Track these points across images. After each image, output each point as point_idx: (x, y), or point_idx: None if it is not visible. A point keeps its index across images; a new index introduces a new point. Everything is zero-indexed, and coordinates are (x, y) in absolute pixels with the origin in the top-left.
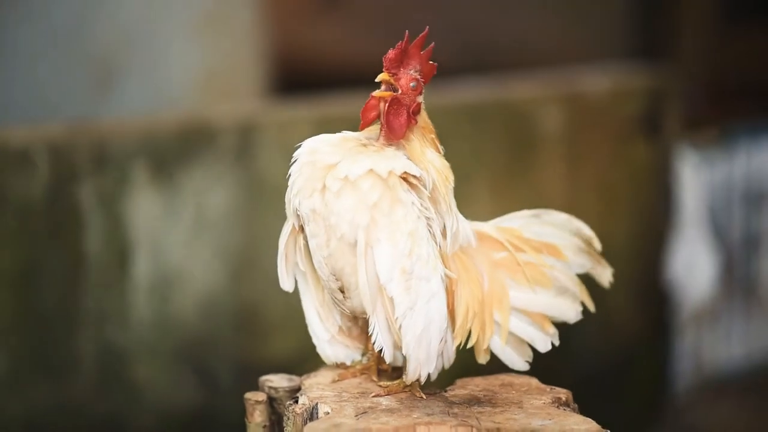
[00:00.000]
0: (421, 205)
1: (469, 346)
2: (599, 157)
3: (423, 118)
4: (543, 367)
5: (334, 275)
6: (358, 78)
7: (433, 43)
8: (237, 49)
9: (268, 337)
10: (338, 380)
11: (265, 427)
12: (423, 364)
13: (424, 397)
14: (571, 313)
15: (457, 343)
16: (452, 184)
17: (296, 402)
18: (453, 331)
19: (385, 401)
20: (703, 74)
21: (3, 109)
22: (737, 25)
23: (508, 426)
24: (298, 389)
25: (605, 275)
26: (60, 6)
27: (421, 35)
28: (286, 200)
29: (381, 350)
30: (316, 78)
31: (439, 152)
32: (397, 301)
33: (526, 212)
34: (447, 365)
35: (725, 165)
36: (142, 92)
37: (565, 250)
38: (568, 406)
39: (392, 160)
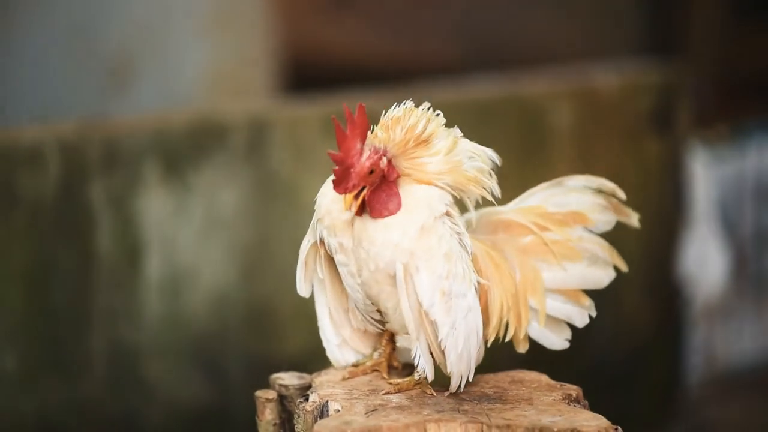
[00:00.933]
0: (452, 222)
1: (507, 339)
2: (610, 154)
3: (398, 144)
4: (554, 362)
5: (370, 300)
6: (368, 75)
7: (344, 109)
8: (248, 47)
9: (279, 335)
10: (348, 378)
11: (275, 425)
12: (464, 375)
13: (435, 394)
14: (605, 279)
15: (492, 339)
16: (462, 157)
17: (307, 400)
18: (488, 330)
19: (396, 398)
20: (714, 70)
21: (14, 107)
22: (748, 21)
23: (518, 423)
24: (308, 387)
25: (633, 220)
26: (71, 5)
27: (335, 129)
28: (311, 224)
29: (423, 371)
30: (327, 76)
31: (430, 148)
32: (439, 323)
33: (545, 184)
34: (476, 364)
35: (736, 161)
36: (153, 90)
37: (590, 213)
38: (579, 402)
39: (417, 214)
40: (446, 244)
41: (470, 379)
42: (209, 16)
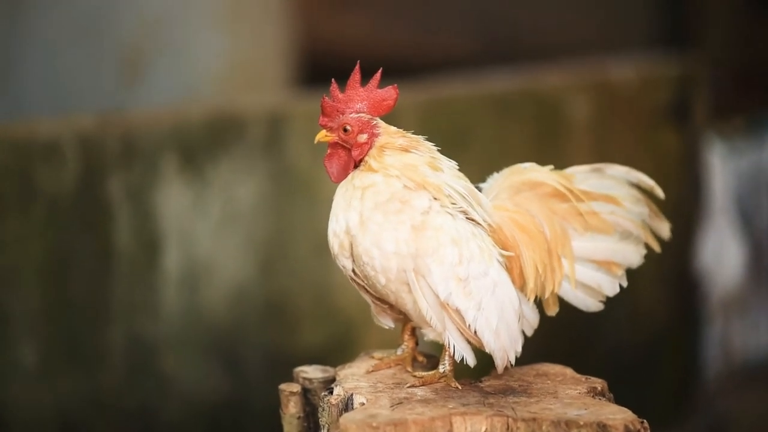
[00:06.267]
0: (450, 203)
1: (546, 297)
2: (627, 146)
3: (381, 140)
4: (571, 355)
5: (387, 304)
6: (385, 68)
7: (379, 71)
8: (264, 39)
9: (297, 328)
10: (373, 371)
11: (299, 418)
12: (509, 349)
13: (460, 387)
14: (636, 257)
15: (532, 299)
16: (423, 166)
17: (331, 393)
18: (526, 293)
19: (421, 392)
20: (732, 62)
21: (31, 101)
22: (765, 12)
23: (543, 416)
24: (332, 380)
25: (663, 228)
26: None
27: (354, 72)
28: None
29: (462, 358)
30: (343, 68)
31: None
32: (463, 309)
33: (585, 167)
34: (530, 333)
35: (753, 153)
36: (169, 84)
37: (623, 200)
38: (604, 395)
39: (400, 215)
40: (450, 230)
41: (518, 351)
42: (225, 9)
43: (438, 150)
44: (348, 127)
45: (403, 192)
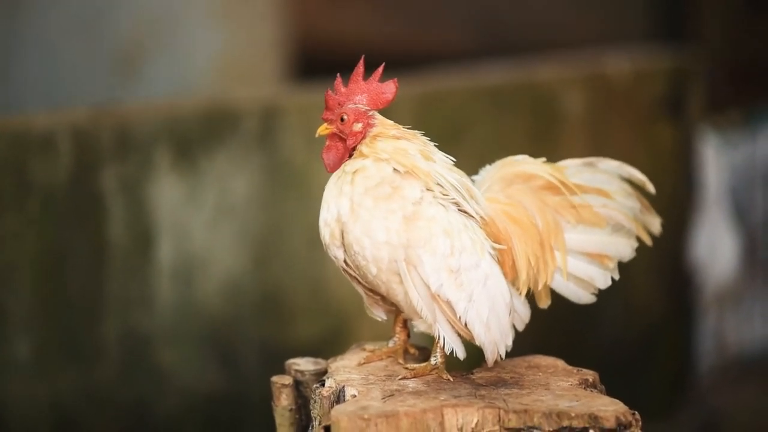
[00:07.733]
0: (442, 194)
1: (539, 289)
2: (622, 139)
3: (375, 130)
4: (564, 348)
5: (379, 296)
6: (379, 61)
7: (382, 65)
8: (258, 33)
9: (292, 321)
10: (364, 363)
11: (291, 410)
12: (499, 342)
13: (451, 379)
14: (627, 250)
15: (524, 293)
16: (414, 152)
17: (323, 385)
18: (518, 286)
19: (412, 384)
20: (727, 56)
21: (26, 93)
22: (761, 6)
23: (535, 408)
24: (324, 372)
25: (654, 223)
26: None
27: (357, 65)
28: None
29: (452, 350)
30: (337, 62)
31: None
32: (453, 301)
33: (577, 160)
34: (521, 328)
35: (748, 147)
36: (164, 78)
37: (615, 194)
38: (595, 387)
39: (390, 205)
40: (442, 221)
41: (509, 345)
42: (219, 3)
43: (435, 145)
44: (344, 117)
45: (393, 176)
